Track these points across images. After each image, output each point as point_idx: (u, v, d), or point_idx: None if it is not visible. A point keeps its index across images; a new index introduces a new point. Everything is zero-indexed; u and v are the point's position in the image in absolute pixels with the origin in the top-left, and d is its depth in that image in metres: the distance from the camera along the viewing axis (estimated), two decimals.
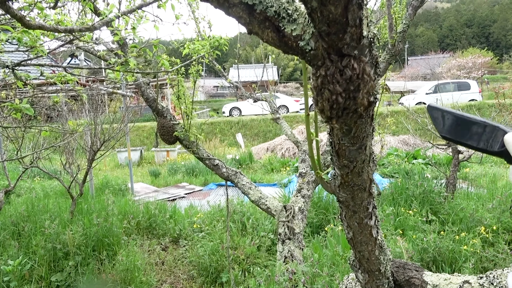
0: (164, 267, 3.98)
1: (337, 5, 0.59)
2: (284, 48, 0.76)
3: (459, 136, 0.56)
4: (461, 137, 0.56)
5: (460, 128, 0.56)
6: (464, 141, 0.56)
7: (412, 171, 6.53)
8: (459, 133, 0.56)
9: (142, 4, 1.57)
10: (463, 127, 0.55)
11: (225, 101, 31.76)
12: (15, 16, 1.08)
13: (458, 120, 0.56)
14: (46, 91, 2.89)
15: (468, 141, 0.56)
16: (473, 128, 0.54)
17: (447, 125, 0.57)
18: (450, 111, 0.57)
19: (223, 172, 3.22)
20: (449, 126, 0.57)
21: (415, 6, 2.87)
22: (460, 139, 0.56)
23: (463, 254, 3.32)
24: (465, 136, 0.55)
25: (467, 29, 71.39)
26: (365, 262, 1.23)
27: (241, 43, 5.15)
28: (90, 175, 5.74)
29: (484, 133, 0.53)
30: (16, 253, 3.71)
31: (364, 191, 1.05)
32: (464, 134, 0.55)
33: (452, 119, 0.56)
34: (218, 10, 0.78)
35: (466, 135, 0.55)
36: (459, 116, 0.56)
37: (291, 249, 2.88)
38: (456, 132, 0.56)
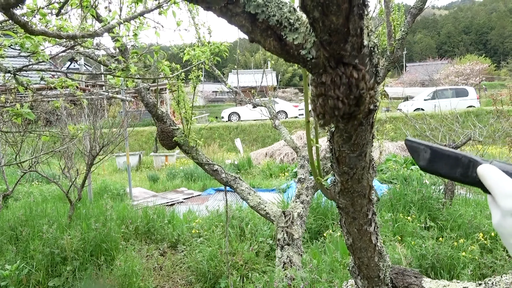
0: (162, 272, 3.97)
1: (338, 15, 0.60)
2: (286, 56, 0.77)
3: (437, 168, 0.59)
4: (439, 169, 0.59)
5: (438, 161, 0.59)
6: (442, 173, 0.59)
7: (410, 177, 6.54)
8: (437, 165, 0.59)
9: (144, 11, 1.58)
10: (440, 160, 0.58)
11: (224, 106, 31.82)
12: (19, 22, 1.09)
13: (435, 153, 0.59)
14: (46, 95, 2.90)
15: (446, 173, 0.59)
16: (449, 161, 0.57)
17: (425, 158, 0.60)
18: (427, 145, 0.60)
19: (222, 177, 3.22)
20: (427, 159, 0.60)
21: (413, 14, 2.90)
22: (438, 171, 0.59)
23: (462, 260, 3.32)
24: (443, 169, 0.59)
25: (465, 36, 71.84)
26: (364, 269, 1.24)
27: (240, 48, 5.17)
28: (88, 180, 5.73)
29: (460, 165, 0.56)
30: (13, 257, 3.69)
31: (363, 198, 1.06)
32: (441, 166, 0.58)
33: (429, 152, 0.59)
34: (220, 18, 0.79)
35: (443, 168, 0.58)
36: (436, 149, 0.59)
37: (290, 255, 2.87)
38: (434, 165, 0.59)
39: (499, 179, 0.51)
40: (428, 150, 0.60)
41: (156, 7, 1.63)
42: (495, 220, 0.52)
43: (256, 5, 0.72)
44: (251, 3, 0.72)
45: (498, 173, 0.52)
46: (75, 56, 5.34)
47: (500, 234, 0.51)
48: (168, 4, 1.89)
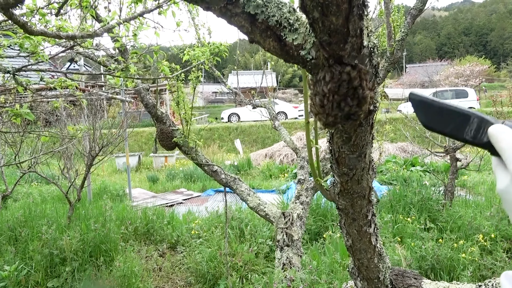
0: (162, 273, 3.96)
1: (338, 16, 0.60)
2: (285, 57, 0.77)
3: (442, 126, 0.54)
4: (445, 127, 0.54)
5: (444, 119, 0.54)
6: (449, 131, 0.54)
7: (410, 179, 6.53)
8: (443, 123, 0.54)
9: (144, 11, 1.58)
10: (447, 118, 0.53)
11: (224, 107, 31.82)
12: (18, 23, 1.08)
13: (443, 110, 0.54)
14: (46, 96, 2.90)
15: (452, 132, 0.54)
16: (457, 119, 0.53)
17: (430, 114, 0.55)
18: (435, 101, 0.54)
19: (221, 178, 3.21)
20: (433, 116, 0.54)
21: (413, 15, 2.90)
22: (444, 130, 0.54)
23: (462, 262, 3.32)
24: (449, 127, 0.53)
25: (464, 37, 71.93)
26: (364, 270, 1.24)
27: (240, 49, 5.17)
28: (88, 181, 5.73)
29: (469, 124, 0.52)
30: (12, 258, 3.68)
31: (363, 199, 1.05)
32: (448, 124, 0.53)
33: (435, 107, 0.54)
34: (220, 19, 0.79)
35: (450, 126, 0.53)
36: (443, 105, 0.54)
37: (290, 256, 2.87)
38: (440, 123, 0.54)
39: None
40: (433, 105, 0.54)
41: (155, 7, 1.63)
42: (502, 185, 0.47)
43: (256, 5, 0.72)
44: (250, 3, 0.72)
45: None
46: (75, 57, 5.34)
47: (505, 200, 0.47)
48: (168, 5, 1.88)
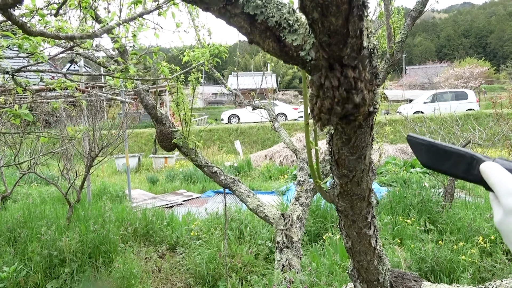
0: (161, 274, 3.95)
1: (338, 17, 0.59)
2: (285, 58, 0.76)
3: (439, 165, 0.59)
4: (441, 166, 0.59)
5: (440, 158, 0.58)
6: (445, 170, 0.59)
7: (410, 180, 6.53)
8: (440, 162, 0.59)
9: (143, 12, 1.58)
10: (442, 157, 0.58)
11: (223, 108, 31.84)
12: (17, 23, 1.08)
13: (437, 150, 0.58)
14: (45, 97, 2.90)
15: (448, 170, 0.58)
16: (452, 158, 0.57)
17: (427, 155, 0.60)
18: (430, 141, 0.60)
19: (221, 179, 3.21)
20: (429, 156, 0.59)
21: (413, 17, 2.90)
22: (441, 168, 0.59)
23: (461, 264, 3.31)
24: (445, 166, 0.58)
25: (464, 39, 72.03)
26: (363, 272, 1.23)
27: (240, 51, 5.17)
28: (87, 181, 5.72)
29: (463, 162, 0.56)
30: (11, 259, 3.68)
31: (363, 201, 1.05)
32: (444, 163, 0.58)
33: (431, 149, 0.59)
34: (219, 19, 0.79)
35: (446, 165, 0.58)
36: (438, 146, 0.58)
37: (289, 257, 2.86)
38: (437, 162, 0.59)
39: (502, 177, 0.51)
40: (430, 146, 0.59)
41: (155, 8, 1.63)
42: (497, 218, 0.51)
43: (255, 6, 0.71)
44: (250, 4, 0.71)
45: (501, 171, 0.51)
46: (75, 58, 5.34)
47: (502, 232, 0.51)
48: (168, 6, 1.88)
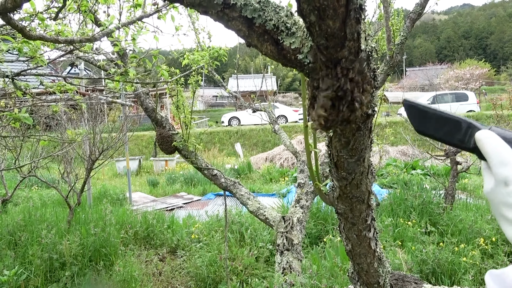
0: (162, 278, 3.94)
1: (335, 20, 0.60)
2: (283, 61, 0.77)
3: (434, 132, 0.58)
4: (436, 132, 0.58)
5: (436, 124, 0.58)
6: (439, 136, 0.58)
7: (410, 182, 6.52)
8: (435, 129, 0.58)
9: (143, 16, 1.58)
10: (438, 124, 0.57)
11: (224, 110, 31.85)
12: (16, 27, 1.08)
13: (434, 116, 0.58)
14: (45, 100, 2.90)
15: (442, 137, 0.58)
16: (448, 125, 0.57)
17: (423, 121, 0.59)
18: (426, 107, 0.59)
19: (221, 182, 3.21)
20: (425, 122, 0.59)
21: (412, 19, 2.90)
22: (435, 135, 0.58)
23: (463, 266, 3.30)
24: (440, 132, 0.57)
25: (464, 40, 72.09)
26: (364, 275, 1.23)
27: (240, 53, 5.18)
28: (88, 185, 5.72)
29: (459, 130, 0.56)
30: (12, 263, 3.67)
31: (362, 203, 1.05)
32: (439, 130, 0.57)
33: (427, 115, 0.58)
34: (217, 23, 0.79)
35: (441, 131, 0.57)
36: (435, 112, 0.58)
37: (290, 260, 2.86)
38: (432, 128, 0.58)
39: (497, 146, 0.50)
40: (426, 112, 0.59)
41: (154, 11, 1.63)
42: (487, 188, 0.51)
43: (253, 9, 0.72)
44: (247, 7, 0.72)
45: (497, 140, 0.51)
46: (75, 61, 5.36)
47: (491, 201, 0.51)
48: (167, 9, 1.89)
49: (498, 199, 0.49)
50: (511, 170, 0.48)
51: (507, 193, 0.48)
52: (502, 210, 0.49)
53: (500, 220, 0.49)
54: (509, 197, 0.48)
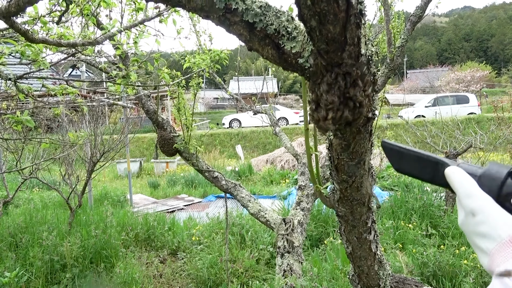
0: (162, 280, 3.94)
1: (335, 25, 0.60)
2: (284, 64, 0.77)
3: (409, 170, 0.62)
4: (411, 170, 0.62)
5: (410, 163, 0.62)
6: (414, 174, 0.62)
7: (411, 184, 6.52)
8: (409, 167, 0.62)
9: (144, 19, 1.59)
10: (412, 162, 0.62)
11: (225, 112, 31.86)
12: (19, 31, 1.09)
13: (408, 156, 0.62)
14: (47, 102, 2.91)
15: (417, 174, 0.62)
16: (420, 163, 0.61)
17: (400, 160, 0.63)
18: (400, 147, 0.63)
19: (222, 184, 3.21)
20: (401, 161, 0.63)
21: (413, 22, 2.91)
22: (411, 172, 0.63)
23: (464, 268, 3.30)
24: (415, 170, 0.62)
25: (465, 43, 72.11)
26: (364, 277, 1.23)
27: (241, 55, 5.19)
28: (89, 186, 5.73)
29: (430, 167, 0.60)
30: (13, 264, 3.68)
31: (363, 206, 1.05)
32: (413, 168, 0.62)
33: (401, 154, 0.63)
34: (219, 27, 0.80)
35: (416, 169, 0.61)
36: (408, 151, 0.62)
37: (290, 262, 2.86)
38: (407, 166, 0.62)
39: (463, 180, 0.54)
40: (401, 152, 0.62)
41: (156, 15, 1.64)
42: (460, 220, 0.54)
43: (254, 14, 0.72)
44: (249, 12, 0.72)
45: (463, 175, 0.54)
46: (77, 63, 5.37)
47: (465, 232, 0.54)
48: (169, 12, 1.90)
49: (469, 229, 0.52)
50: (475, 202, 0.51)
51: (475, 223, 0.51)
52: (474, 239, 0.51)
53: (475, 249, 0.52)
54: (477, 226, 0.50)
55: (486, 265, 0.49)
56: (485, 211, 0.50)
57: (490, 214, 0.50)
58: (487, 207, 0.50)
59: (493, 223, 0.49)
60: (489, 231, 0.49)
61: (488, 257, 0.48)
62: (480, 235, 0.50)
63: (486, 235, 0.49)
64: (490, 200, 0.51)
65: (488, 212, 0.50)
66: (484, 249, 0.49)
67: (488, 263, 0.48)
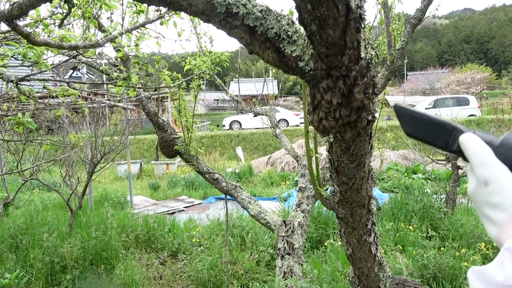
0: (162, 281, 3.94)
1: (335, 29, 0.61)
2: (284, 68, 0.78)
3: (422, 135, 0.62)
4: (424, 135, 0.62)
5: (424, 128, 0.61)
6: (427, 139, 0.61)
7: (412, 186, 6.52)
8: (423, 132, 0.61)
9: (145, 22, 1.60)
10: (426, 127, 0.61)
11: (225, 114, 31.87)
12: (22, 33, 1.10)
13: (422, 120, 0.61)
14: (48, 104, 2.92)
15: (430, 140, 0.61)
16: (435, 128, 0.60)
17: (412, 124, 0.62)
18: (415, 111, 0.62)
19: (222, 186, 3.22)
20: (413, 125, 0.62)
21: (413, 24, 2.92)
22: (423, 137, 0.62)
23: (464, 270, 3.30)
24: (428, 135, 0.61)
25: (465, 45, 72.15)
26: (364, 279, 1.23)
27: (241, 57, 5.20)
28: (89, 188, 5.73)
29: (444, 133, 0.59)
30: (13, 266, 3.68)
31: (363, 208, 1.06)
32: (427, 133, 0.61)
33: (416, 119, 0.62)
34: (220, 30, 0.80)
35: (429, 134, 0.61)
36: (423, 116, 0.61)
37: (291, 264, 2.86)
38: (420, 131, 0.62)
39: (478, 148, 0.53)
40: (415, 116, 0.62)
41: (157, 18, 1.65)
42: (470, 188, 0.53)
43: (255, 18, 0.73)
44: (250, 16, 0.73)
45: (478, 142, 0.53)
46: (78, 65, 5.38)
47: (473, 201, 0.53)
48: (170, 15, 1.91)
49: (479, 199, 0.51)
50: (490, 171, 0.50)
51: (488, 192, 0.50)
52: (483, 209, 0.50)
53: (483, 219, 0.51)
54: (489, 196, 0.49)
55: (494, 235, 0.48)
56: (500, 181, 0.49)
57: (505, 184, 0.49)
58: (503, 176, 0.49)
59: (507, 194, 0.48)
60: (502, 202, 0.48)
61: (498, 227, 0.47)
62: (492, 205, 0.49)
63: (498, 206, 0.48)
64: (506, 170, 0.50)
65: (503, 182, 0.49)
66: (495, 219, 0.48)
67: (497, 234, 0.48)
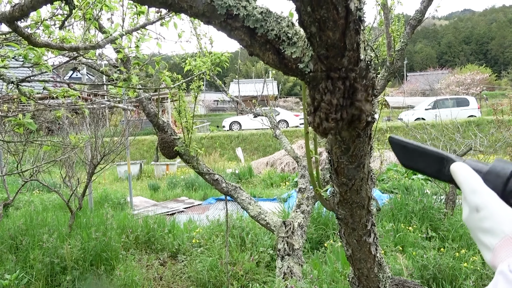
0: (162, 282, 3.94)
1: (335, 31, 0.61)
2: (284, 69, 0.78)
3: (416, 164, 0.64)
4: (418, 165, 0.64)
5: (417, 158, 0.63)
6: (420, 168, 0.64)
7: (411, 187, 6.52)
8: (417, 162, 0.64)
9: (146, 23, 1.61)
10: (419, 157, 0.63)
11: (225, 115, 31.87)
12: (23, 35, 1.11)
13: (415, 151, 0.63)
14: (48, 105, 2.93)
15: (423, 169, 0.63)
16: (427, 158, 0.62)
17: (406, 155, 0.65)
18: (408, 142, 0.64)
19: (222, 187, 3.22)
20: (408, 156, 0.64)
21: (412, 25, 2.93)
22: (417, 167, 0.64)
23: (464, 271, 3.30)
24: (421, 165, 0.63)
25: (465, 46, 72.22)
26: (364, 280, 1.24)
27: (241, 58, 5.21)
28: (89, 189, 5.73)
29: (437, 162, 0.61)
30: (13, 267, 3.68)
31: (362, 209, 1.06)
32: (420, 163, 0.63)
33: (410, 150, 0.64)
34: (220, 32, 0.81)
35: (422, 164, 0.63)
36: (415, 146, 0.63)
37: (290, 265, 2.86)
38: (414, 161, 0.64)
39: (468, 176, 0.55)
40: (407, 147, 0.64)
41: (158, 19, 1.66)
42: (464, 215, 0.55)
43: (255, 20, 0.73)
44: (250, 18, 0.74)
45: (468, 171, 0.55)
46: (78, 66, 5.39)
47: (468, 228, 0.54)
48: (170, 16, 1.91)
49: (473, 225, 0.53)
50: (480, 198, 0.52)
51: (479, 218, 0.51)
52: (478, 235, 0.52)
53: (478, 245, 0.53)
54: (481, 222, 0.51)
55: (489, 260, 0.49)
56: (490, 207, 0.51)
57: (494, 210, 0.50)
58: (492, 203, 0.51)
59: (497, 219, 0.49)
60: (493, 227, 0.49)
61: (492, 252, 0.49)
62: (484, 230, 0.50)
63: (490, 231, 0.50)
64: (495, 196, 0.52)
65: (492, 208, 0.51)
66: (488, 244, 0.50)
67: (491, 259, 0.49)
